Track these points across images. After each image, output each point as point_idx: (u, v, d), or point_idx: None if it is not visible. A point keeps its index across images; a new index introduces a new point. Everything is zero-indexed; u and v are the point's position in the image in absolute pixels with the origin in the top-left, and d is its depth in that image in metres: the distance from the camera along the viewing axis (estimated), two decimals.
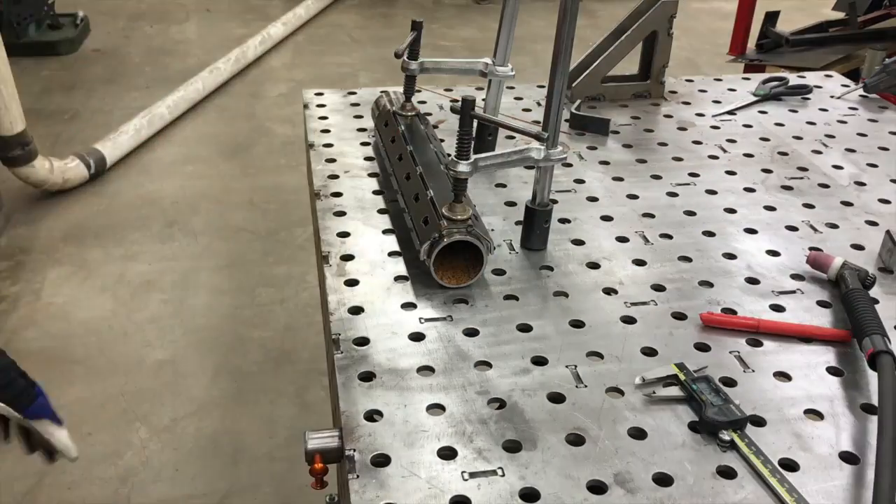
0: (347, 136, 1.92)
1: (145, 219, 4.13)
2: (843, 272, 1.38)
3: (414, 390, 1.16)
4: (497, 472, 1.03)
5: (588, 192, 1.72)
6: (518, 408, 1.13)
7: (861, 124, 2.05)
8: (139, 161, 4.70)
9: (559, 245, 1.52)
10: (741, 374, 1.21)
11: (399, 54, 1.69)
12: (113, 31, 6.67)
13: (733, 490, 1.01)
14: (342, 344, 1.24)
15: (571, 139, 1.95)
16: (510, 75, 1.75)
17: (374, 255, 1.47)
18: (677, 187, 1.74)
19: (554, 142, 1.42)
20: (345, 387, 1.16)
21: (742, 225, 1.61)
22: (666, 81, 2.18)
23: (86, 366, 3.14)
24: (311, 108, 2.07)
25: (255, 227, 4.11)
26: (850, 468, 1.05)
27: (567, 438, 1.08)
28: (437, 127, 1.98)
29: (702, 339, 1.29)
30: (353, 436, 1.07)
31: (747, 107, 2.14)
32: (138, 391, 3.02)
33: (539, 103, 2.12)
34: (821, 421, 1.13)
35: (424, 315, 1.32)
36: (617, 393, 1.17)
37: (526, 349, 1.25)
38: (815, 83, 2.28)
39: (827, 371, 1.23)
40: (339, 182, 1.72)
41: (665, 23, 2.07)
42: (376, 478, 1.01)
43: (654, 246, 1.53)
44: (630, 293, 1.39)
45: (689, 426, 1.11)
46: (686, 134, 1.99)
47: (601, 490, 1.01)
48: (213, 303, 3.54)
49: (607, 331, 1.30)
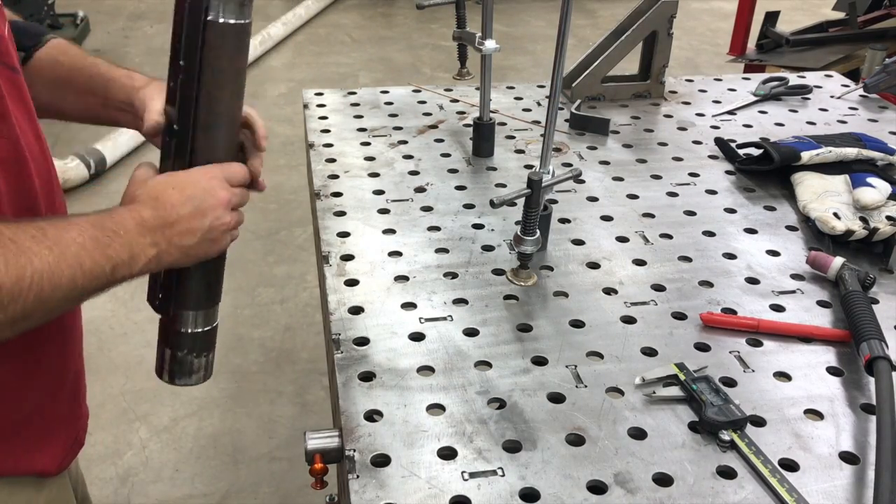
0: (347, 136, 1.92)
1: None
2: (843, 272, 1.38)
3: (414, 390, 1.16)
4: (497, 472, 1.03)
5: (588, 192, 1.72)
6: (518, 408, 1.13)
7: (861, 124, 2.05)
8: (139, 161, 4.69)
9: (559, 245, 1.52)
10: (741, 374, 1.21)
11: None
12: (113, 31, 6.68)
13: (733, 490, 1.01)
14: (342, 344, 1.24)
15: (571, 139, 1.95)
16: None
17: (374, 255, 1.47)
18: (677, 187, 1.74)
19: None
20: (345, 387, 1.16)
21: (742, 225, 1.61)
22: (666, 81, 2.18)
23: (86, 366, 3.13)
24: (311, 108, 2.07)
25: (255, 227, 4.11)
26: (850, 468, 1.05)
27: (567, 438, 1.08)
28: (436, 127, 1.98)
29: (702, 339, 1.29)
30: (353, 436, 1.07)
31: (747, 107, 2.14)
32: (138, 391, 3.02)
33: (539, 103, 2.12)
34: (821, 421, 1.13)
35: (424, 315, 1.32)
36: (617, 393, 1.17)
37: (526, 349, 1.25)
38: (815, 83, 2.28)
39: (827, 371, 1.23)
40: (339, 182, 1.72)
41: (665, 23, 2.07)
42: (376, 478, 1.01)
43: (654, 246, 1.53)
44: (630, 293, 1.39)
45: (689, 426, 1.11)
46: (686, 134, 1.99)
47: (601, 490, 1.01)
48: None
49: (607, 331, 1.30)
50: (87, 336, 1.46)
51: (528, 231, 1.38)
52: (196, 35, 1.03)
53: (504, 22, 6.90)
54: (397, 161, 1.81)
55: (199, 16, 1.02)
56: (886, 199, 1.56)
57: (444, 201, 1.65)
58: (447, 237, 1.53)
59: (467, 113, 2.05)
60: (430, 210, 1.62)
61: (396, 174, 1.75)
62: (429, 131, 1.96)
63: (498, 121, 1.89)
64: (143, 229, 1.08)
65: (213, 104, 1.09)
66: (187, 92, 1.08)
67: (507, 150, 1.88)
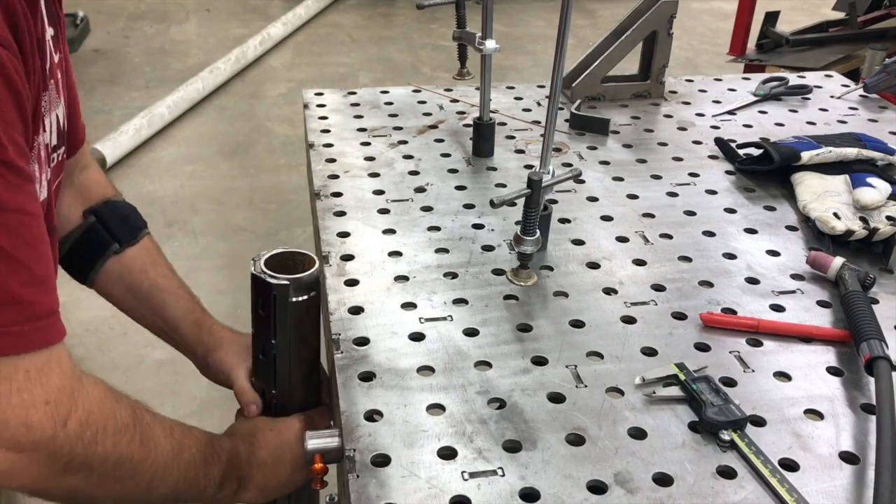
0: (347, 136, 1.92)
1: (145, 218, 4.13)
2: (843, 272, 1.38)
3: (414, 390, 1.16)
4: (497, 472, 1.03)
5: (588, 192, 1.72)
6: (518, 408, 1.13)
7: (861, 124, 2.05)
8: (139, 161, 4.70)
9: (559, 245, 1.52)
10: (741, 374, 1.21)
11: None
12: (113, 31, 6.68)
13: (733, 490, 1.01)
14: (342, 344, 1.24)
15: (571, 139, 1.95)
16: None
17: (374, 255, 1.47)
18: (677, 187, 1.74)
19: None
20: (345, 387, 1.16)
21: (742, 225, 1.61)
22: (666, 81, 2.18)
23: (86, 366, 3.12)
24: (311, 108, 2.07)
25: (254, 227, 4.11)
26: (850, 468, 1.05)
27: (567, 438, 1.08)
28: (436, 127, 1.98)
29: (702, 339, 1.29)
30: (353, 436, 1.07)
31: (747, 107, 2.14)
32: (138, 391, 2.99)
33: (539, 103, 2.12)
34: (821, 421, 1.13)
35: (424, 315, 1.32)
36: (617, 393, 1.17)
37: (526, 349, 1.25)
38: (815, 83, 2.27)
39: (827, 371, 1.23)
40: (339, 182, 1.72)
41: (665, 23, 2.07)
42: (376, 478, 1.01)
43: (654, 246, 1.53)
44: (630, 293, 1.39)
45: (689, 426, 1.11)
46: (686, 134, 1.99)
47: (601, 490, 1.01)
48: (213, 303, 3.52)
49: (607, 331, 1.29)
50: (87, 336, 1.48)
51: (528, 231, 1.38)
52: (284, 314, 1.21)
53: (504, 22, 6.90)
54: (397, 161, 1.81)
55: (286, 298, 1.21)
56: (886, 199, 1.56)
57: (444, 201, 1.65)
58: (447, 237, 1.53)
59: (467, 113, 2.05)
60: (430, 210, 1.62)
61: (396, 174, 1.76)
62: (429, 131, 1.96)
63: (498, 121, 1.89)
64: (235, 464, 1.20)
65: (302, 364, 1.29)
66: (283, 360, 1.27)
67: (507, 150, 1.88)
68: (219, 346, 1.42)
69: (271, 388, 1.30)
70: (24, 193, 0.90)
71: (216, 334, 1.44)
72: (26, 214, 0.90)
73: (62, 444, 0.93)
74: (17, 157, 0.88)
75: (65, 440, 0.93)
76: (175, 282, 1.50)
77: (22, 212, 0.89)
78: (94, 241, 1.44)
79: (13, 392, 0.89)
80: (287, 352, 1.26)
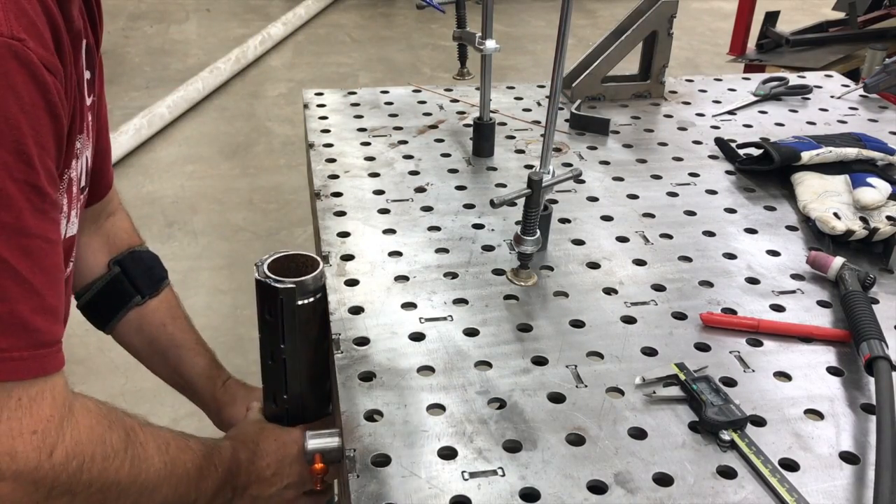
0: (347, 136, 1.92)
1: (145, 218, 4.13)
2: (843, 272, 1.38)
3: (414, 390, 1.16)
4: (497, 471, 1.03)
5: (588, 192, 1.72)
6: (518, 408, 1.13)
7: (861, 124, 2.05)
8: (139, 161, 4.70)
9: (559, 245, 1.52)
10: (741, 374, 1.21)
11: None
12: (113, 31, 6.67)
13: (733, 490, 1.01)
14: (342, 344, 1.24)
15: (571, 139, 1.95)
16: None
17: (374, 255, 1.47)
18: (677, 187, 1.74)
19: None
20: (345, 387, 1.16)
21: (742, 225, 1.61)
22: (666, 81, 2.18)
23: (86, 366, 3.14)
24: (311, 108, 2.07)
25: (255, 227, 4.11)
26: (850, 468, 1.05)
27: (567, 438, 1.08)
28: (436, 127, 1.98)
29: (702, 339, 1.29)
30: (353, 436, 1.07)
31: (747, 107, 2.14)
32: (138, 391, 3.02)
33: (539, 103, 2.12)
34: (821, 421, 1.13)
35: (424, 315, 1.32)
36: (617, 393, 1.17)
37: (526, 349, 1.25)
38: (815, 83, 2.27)
39: (827, 371, 1.23)
40: (339, 182, 1.72)
41: (665, 23, 2.07)
42: (376, 478, 1.01)
43: (654, 246, 1.53)
44: (630, 293, 1.39)
45: (689, 426, 1.11)
46: (686, 134, 1.99)
47: (601, 490, 1.01)
48: (213, 303, 3.54)
49: (607, 331, 1.29)
50: (86, 336, 1.49)
51: (528, 231, 1.38)
52: (292, 318, 1.22)
53: (504, 22, 6.91)
54: (397, 161, 1.81)
55: (292, 302, 1.21)
56: (886, 199, 1.56)
57: (444, 201, 1.65)
58: (447, 237, 1.53)
59: (467, 113, 2.05)
60: (431, 210, 1.62)
61: (396, 174, 1.76)
62: (429, 131, 1.96)
63: (498, 121, 1.89)
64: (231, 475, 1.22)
65: (311, 367, 1.30)
66: (293, 363, 1.27)
67: (507, 150, 1.88)
68: (232, 402, 1.47)
69: (282, 394, 1.30)
70: (49, 220, 0.91)
71: (230, 390, 1.49)
72: (47, 242, 0.90)
73: (46, 475, 0.93)
74: (47, 184, 0.89)
75: (49, 470, 0.93)
76: (192, 336, 1.54)
77: (44, 238, 0.90)
78: (118, 292, 1.46)
79: (2, 420, 0.88)
80: (296, 355, 1.26)
